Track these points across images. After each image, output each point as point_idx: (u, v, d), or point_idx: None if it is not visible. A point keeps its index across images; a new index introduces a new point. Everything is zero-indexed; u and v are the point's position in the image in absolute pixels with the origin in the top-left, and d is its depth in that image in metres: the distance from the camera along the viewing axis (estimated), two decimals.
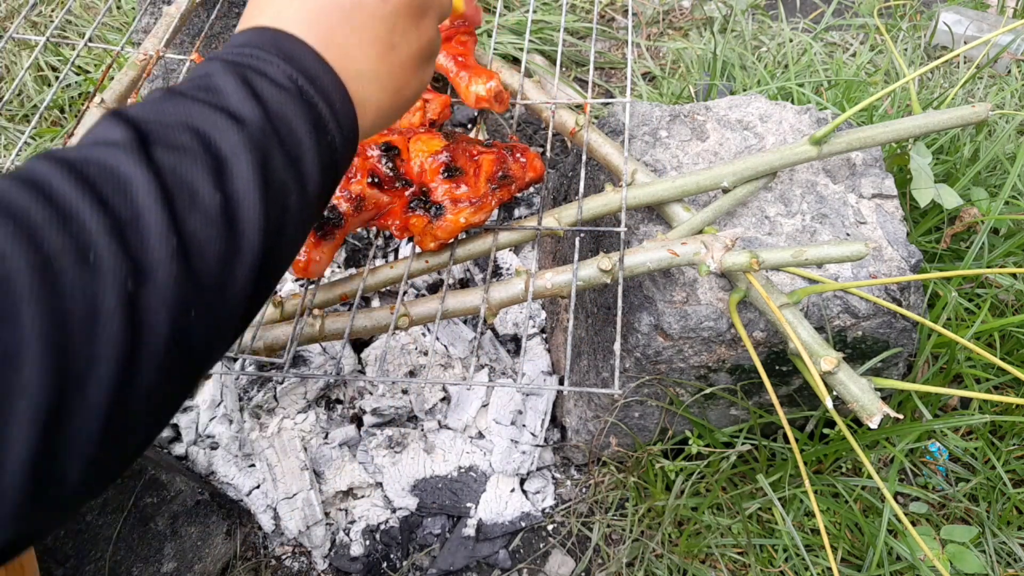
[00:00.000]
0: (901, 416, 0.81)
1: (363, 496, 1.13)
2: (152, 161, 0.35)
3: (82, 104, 1.46)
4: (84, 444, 0.31)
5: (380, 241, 1.31)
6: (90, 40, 0.96)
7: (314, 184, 0.42)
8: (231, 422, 1.14)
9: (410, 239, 0.85)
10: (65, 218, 0.31)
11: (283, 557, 1.10)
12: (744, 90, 1.46)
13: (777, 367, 0.96)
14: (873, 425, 0.78)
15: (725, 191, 0.91)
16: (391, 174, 0.81)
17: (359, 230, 1.07)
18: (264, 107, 0.40)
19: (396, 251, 1.31)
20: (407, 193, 0.81)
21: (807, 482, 0.83)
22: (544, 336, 1.26)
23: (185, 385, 0.36)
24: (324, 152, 0.43)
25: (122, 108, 0.39)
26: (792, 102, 1.33)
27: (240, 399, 1.16)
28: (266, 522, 1.10)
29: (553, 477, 1.16)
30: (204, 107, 0.39)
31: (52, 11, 1.64)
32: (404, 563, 1.08)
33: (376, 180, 0.80)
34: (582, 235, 0.87)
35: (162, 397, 0.34)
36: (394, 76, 0.48)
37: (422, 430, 1.16)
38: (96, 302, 0.30)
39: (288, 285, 1.25)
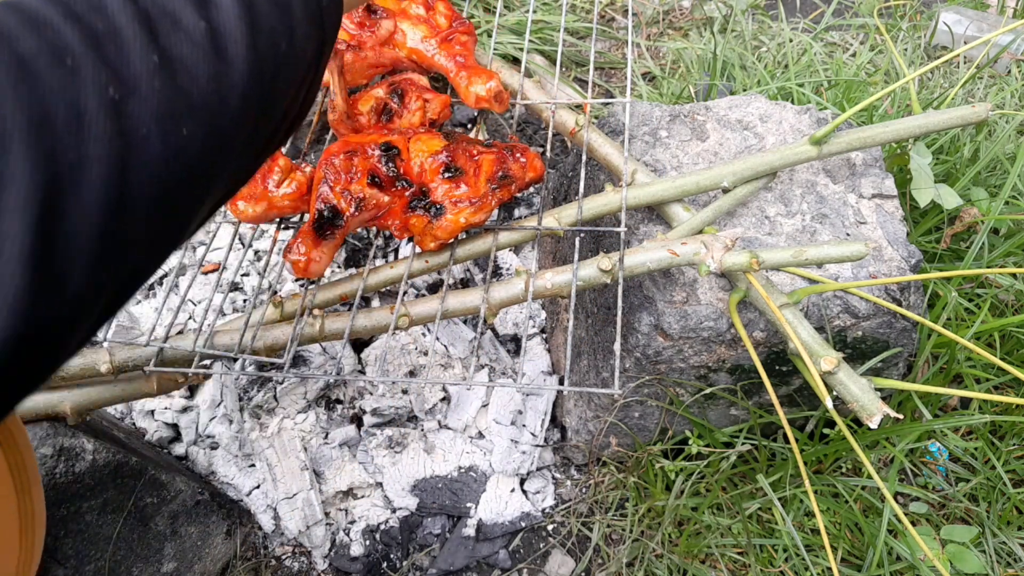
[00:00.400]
0: (901, 416, 0.81)
1: (363, 496, 1.13)
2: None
3: None
4: (83, 243, 0.30)
5: (380, 241, 1.31)
6: None
7: (302, 34, 0.41)
8: (231, 422, 1.14)
9: (410, 239, 0.85)
10: (37, 25, 0.30)
11: (283, 557, 1.10)
12: (744, 90, 1.46)
13: (777, 367, 0.96)
14: (873, 425, 0.78)
15: (725, 191, 0.91)
16: (391, 174, 0.81)
17: (359, 230, 1.07)
18: None
19: (396, 251, 1.31)
20: (407, 193, 0.81)
21: (807, 482, 0.83)
22: (544, 336, 1.26)
23: (191, 209, 0.36)
24: (312, 3, 0.42)
25: None
26: (792, 102, 1.33)
27: (240, 399, 1.16)
28: (266, 522, 1.10)
29: (553, 477, 1.16)
30: None
31: None
32: (404, 563, 1.08)
33: (376, 180, 0.80)
34: (582, 235, 0.87)
35: (164, 214, 0.34)
36: None
37: (422, 430, 1.16)
38: (79, 103, 0.30)
39: (288, 285, 1.25)
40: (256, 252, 1.30)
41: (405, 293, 0.84)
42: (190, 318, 1.22)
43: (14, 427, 0.70)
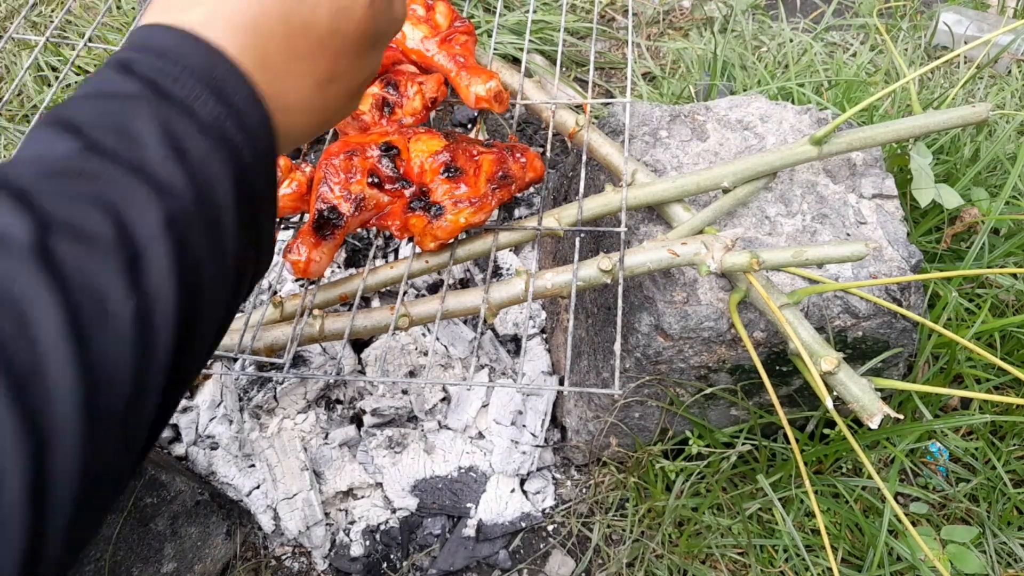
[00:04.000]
0: (901, 416, 0.81)
1: (363, 496, 1.13)
2: (54, 264, 0.28)
3: None
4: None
5: (380, 241, 1.31)
6: (90, 40, 0.96)
7: (232, 248, 0.36)
8: (231, 422, 1.13)
9: (410, 239, 0.85)
10: None
11: (283, 557, 1.09)
12: (744, 90, 1.46)
13: (777, 367, 0.95)
14: (873, 425, 0.78)
15: (725, 191, 0.91)
16: (391, 174, 0.81)
17: (359, 230, 1.07)
18: (189, 169, 0.33)
19: (396, 251, 1.31)
20: (407, 193, 0.81)
21: (807, 482, 0.83)
22: (544, 336, 1.26)
23: (99, 518, 0.32)
24: (244, 208, 0.36)
25: (14, 164, 0.31)
26: (792, 102, 1.33)
27: (240, 399, 1.16)
28: (266, 522, 1.10)
29: (553, 477, 1.16)
30: (120, 170, 0.32)
31: (52, 11, 1.64)
32: (404, 563, 1.08)
33: (376, 180, 0.80)
34: (582, 235, 0.87)
35: (76, 541, 0.30)
36: (327, 108, 0.42)
37: (422, 430, 1.16)
38: None
39: (288, 285, 1.25)
40: None
41: (405, 293, 0.84)
42: None
43: None
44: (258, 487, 1.11)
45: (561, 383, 1.18)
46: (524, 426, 1.16)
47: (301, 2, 0.38)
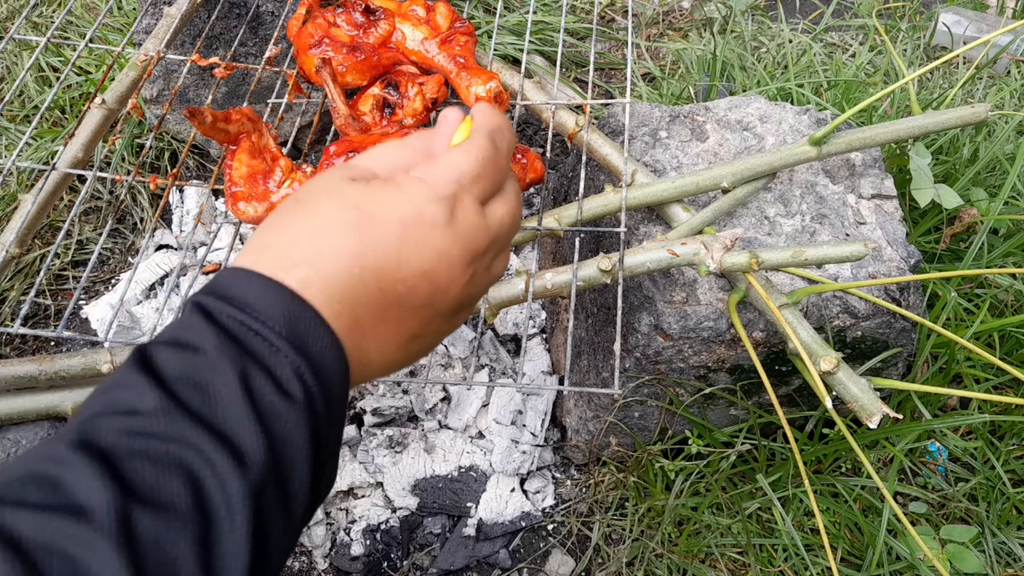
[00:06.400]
0: (900, 416, 0.81)
1: (363, 496, 1.14)
2: (131, 541, 0.28)
3: (83, 105, 1.46)
4: None
5: None
6: (91, 41, 0.96)
7: (301, 509, 0.35)
8: None
9: None
10: None
11: None
12: (744, 91, 1.46)
13: (777, 367, 0.96)
14: (872, 425, 0.79)
15: (725, 191, 0.91)
16: None
17: None
18: (269, 435, 0.33)
19: None
20: None
21: (807, 482, 0.83)
22: (544, 336, 1.26)
23: None
24: (317, 466, 0.35)
25: (101, 417, 0.32)
26: (792, 103, 1.33)
27: None
28: None
29: (553, 477, 1.16)
30: (200, 432, 0.32)
31: (53, 12, 1.64)
32: (404, 563, 1.08)
33: None
34: (582, 235, 0.88)
35: None
36: (404, 362, 0.41)
37: (422, 430, 1.16)
38: None
39: None
40: None
41: None
42: None
43: None
44: None
45: (561, 383, 1.19)
46: (524, 426, 1.16)
47: (400, 281, 0.37)
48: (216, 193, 1.35)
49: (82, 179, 1.15)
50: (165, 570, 0.29)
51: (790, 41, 1.59)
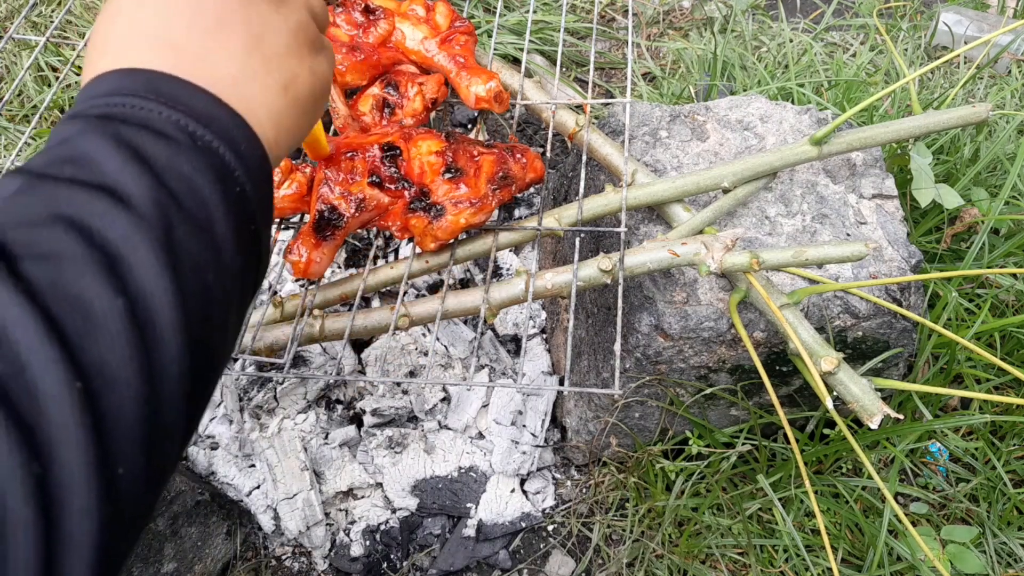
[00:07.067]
0: (901, 416, 0.81)
1: (363, 496, 1.13)
2: (22, 280, 0.27)
3: None
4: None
5: (380, 241, 1.31)
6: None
7: (230, 248, 0.34)
8: (231, 422, 1.14)
9: (410, 239, 0.85)
10: None
11: (283, 557, 1.09)
12: (744, 90, 1.46)
13: (777, 367, 0.95)
14: (873, 425, 0.78)
15: (725, 191, 0.91)
16: (392, 175, 0.81)
17: (359, 230, 1.07)
18: (153, 171, 0.32)
19: (396, 251, 1.31)
20: (407, 194, 0.81)
21: (807, 482, 0.83)
22: (544, 336, 1.26)
23: (126, 548, 0.30)
24: (236, 206, 0.35)
25: None
26: (792, 102, 1.33)
27: (240, 399, 1.16)
28: (266, 522, 1.10)
29: (553, 477, 1.16)
30: (74, 188, 0.30)
31: (52, 11, 1.64)
32: (404, 563, 1.08)
33: (377, 180, 0.80)
34: (582, 235, 0.87)
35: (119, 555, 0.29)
36: (271, 69, 0.40)
37: (422, 430, 1.16)
38: None
39: (288, 285, 1.25)
40: None
41: (405, 293, 0.84)
42: None
43: None
44: (258, 487, 1.11)
45: (561, 383, 1.19)
46: (524, 426, 1.16)
47: None
48: None
49: None
50: (73, 304, 0.27)
51: (791, 40, 1.58)
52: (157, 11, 0.37)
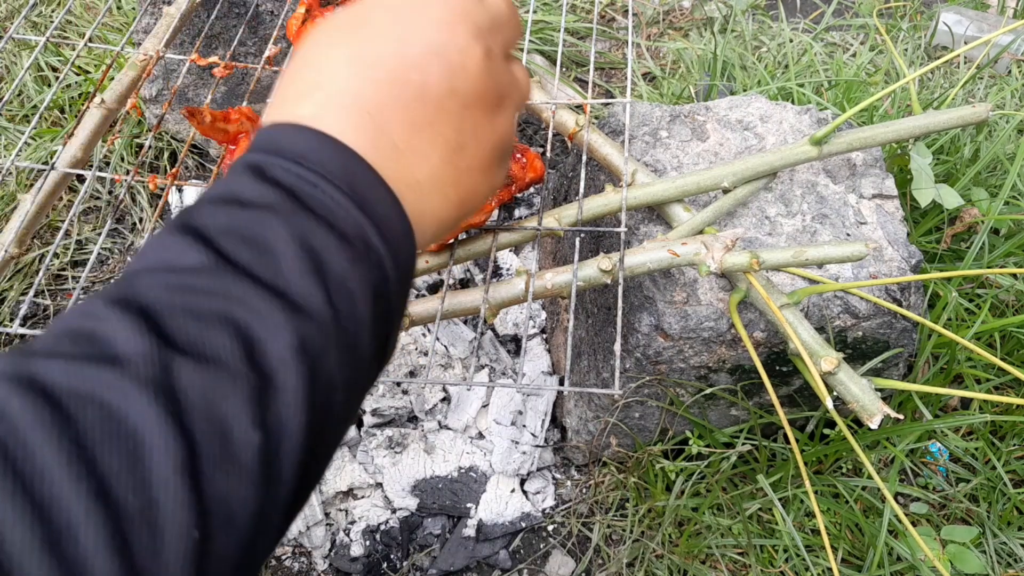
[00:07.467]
0: (901, 416, 0.81)
1: (363, 496, 1.13)
2: (174, 393, 0.26)
3: (82, 104, 1.46)
4: None
5: None
6: (90, 40, 0.96)
7: (366, 366, 0.33)
8: None
9: None
10: (49, 542, 0.22)
11: (283, 557, 1.09)
12: (744, 90, 1.46)
13: (777, 367, 0.95)
14: (873, 425, 0.78)
15: (725, 191, 0.91)
16: None
17: None
18: (327, 287, 0.30)
19: None
20: None
21: (807, 482, 0.83)
22: (544, 336, 1.26)
23: None
24: (382, 319, 0.33)
25: (140, 274, 0.29)
26: (792, 102, 1.33)
27: None
28: None
29: (553, 477, 1.16)
30: (247, 285, 0.29)
31: (52, 11, 1.64)
32: (404, 563, 1.08)
33: None
34: (582, 235, 0.87)
35: None
36: (460, 184, 0.37)
37: (422, 430, 1.16)
38: None
39: None
40: None
41: None
42: None
43: None
44: None
45: (561, 383, 1.18)
46: (524, 426, 1.16)
47: (410, 68, 0.35)
48: None
49: (81, 179, 1.15)
50: (215, 431, 0.26)
51: (791, 40, 1.58)
52: (381, 83, 0.35)
